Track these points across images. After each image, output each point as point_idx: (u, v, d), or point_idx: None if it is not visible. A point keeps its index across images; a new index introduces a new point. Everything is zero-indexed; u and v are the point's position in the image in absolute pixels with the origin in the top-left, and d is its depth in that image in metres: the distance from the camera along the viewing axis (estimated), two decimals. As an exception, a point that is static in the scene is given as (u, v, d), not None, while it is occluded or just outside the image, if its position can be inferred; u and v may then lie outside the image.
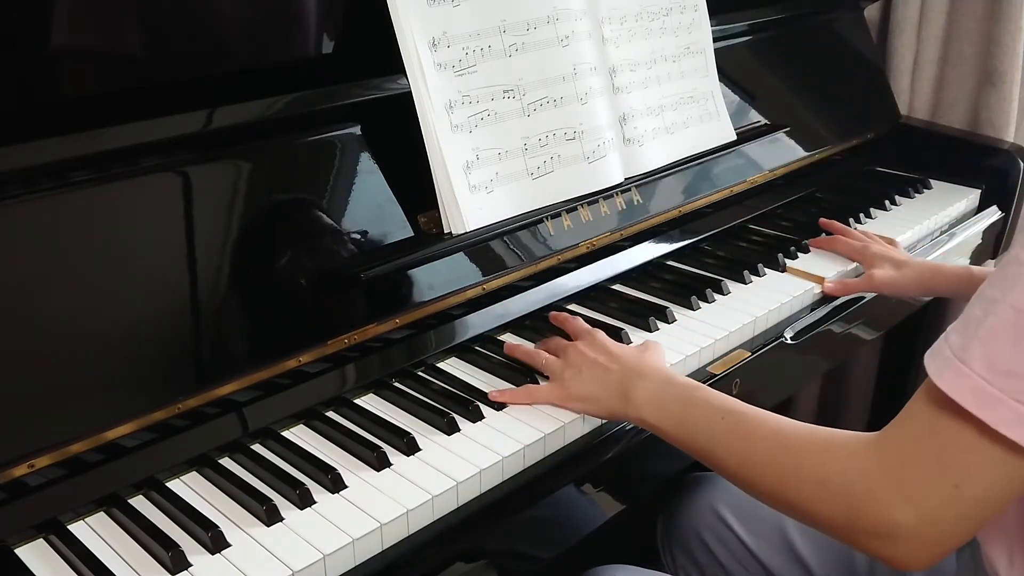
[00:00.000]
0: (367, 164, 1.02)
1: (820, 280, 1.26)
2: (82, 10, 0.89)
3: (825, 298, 1.25)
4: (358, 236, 0.99)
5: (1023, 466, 0.64)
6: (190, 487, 0.85)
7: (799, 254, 1.34)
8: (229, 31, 1.01)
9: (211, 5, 0.98)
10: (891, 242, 1.35)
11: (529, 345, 1.07)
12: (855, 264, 1.31)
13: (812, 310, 1.22)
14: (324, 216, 0.98)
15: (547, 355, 0.99)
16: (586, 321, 1.12)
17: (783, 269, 1.29)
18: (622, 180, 1.19)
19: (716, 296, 1.19)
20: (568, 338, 1.03)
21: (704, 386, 0.89)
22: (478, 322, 1.07)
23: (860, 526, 0.70)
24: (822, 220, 1.41)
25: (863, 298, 1.25)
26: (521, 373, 1.00)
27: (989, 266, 1.68)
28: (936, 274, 1.23)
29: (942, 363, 0.66)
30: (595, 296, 1.19)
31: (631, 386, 0.90)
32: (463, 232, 1.04)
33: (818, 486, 0.73)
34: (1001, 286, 0.65)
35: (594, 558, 1.08)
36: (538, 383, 0.98)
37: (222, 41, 1.01)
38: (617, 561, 1.07)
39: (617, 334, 1.07)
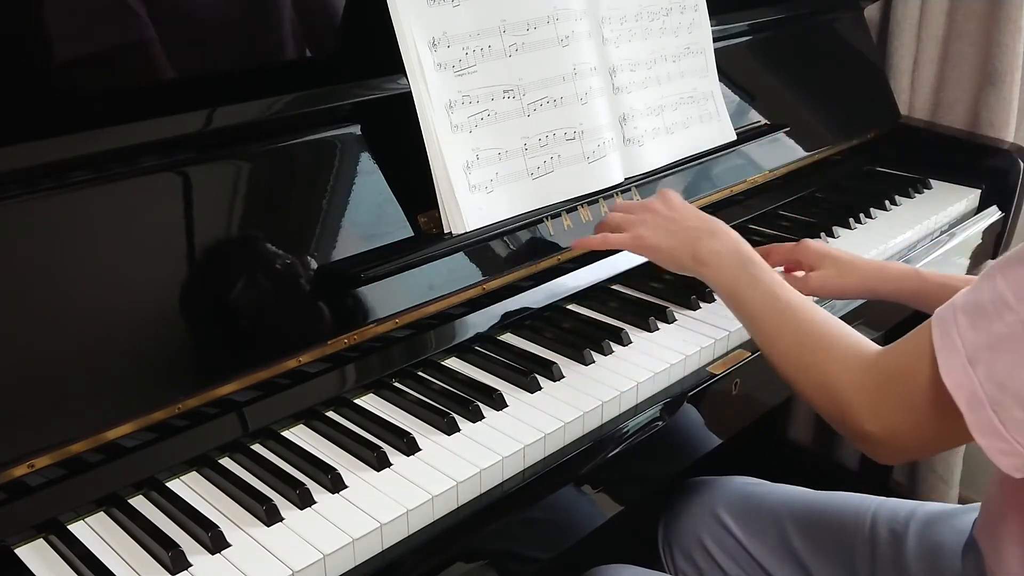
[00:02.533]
0: (367, 164, 1.02)
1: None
2: (82, 10, 0.89)
3: (825, 299, 1.25)
4: (358, 236, 0.99)
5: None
6: (190, 487, 0.85)
7: (799, 254, 1.33)
8: (229, 31, 1.01)
9: (211, 5, 0.98)
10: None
11: (531, 345, 1.08)
12: None
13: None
14: (324, 216, 0.98)
15: (620, 214, 1.04)
16: (586, 321, 1.13)
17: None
18: (622, 180, 1.19)
19: (716, 296, 1.19)
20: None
21: (761, 262, 0.94)
22: (478, 322, 1.07)
23: (843, 425, 0.80)
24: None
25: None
26: (522, 373, 0.99)
27: (988, 267, 1.68)
28: (881, 273, 1.12)
29: (951, 354, 0.68)
30: (595, 296, 1.19)
31: (700, 243, 0.97)
32: (463, 232, 1.04)
33: (820, 384, 0.82)
34: (1015, 287, 0.65)
35: (594, 558, 1.08)
36: (538, 382, 0.99)
37: (222, 41, 1.01)
38: (617, 561, 1.07)
39: (617, 334, 1.08)
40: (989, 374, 0.66)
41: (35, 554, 0.77)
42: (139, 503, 0.83)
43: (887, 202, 1.53)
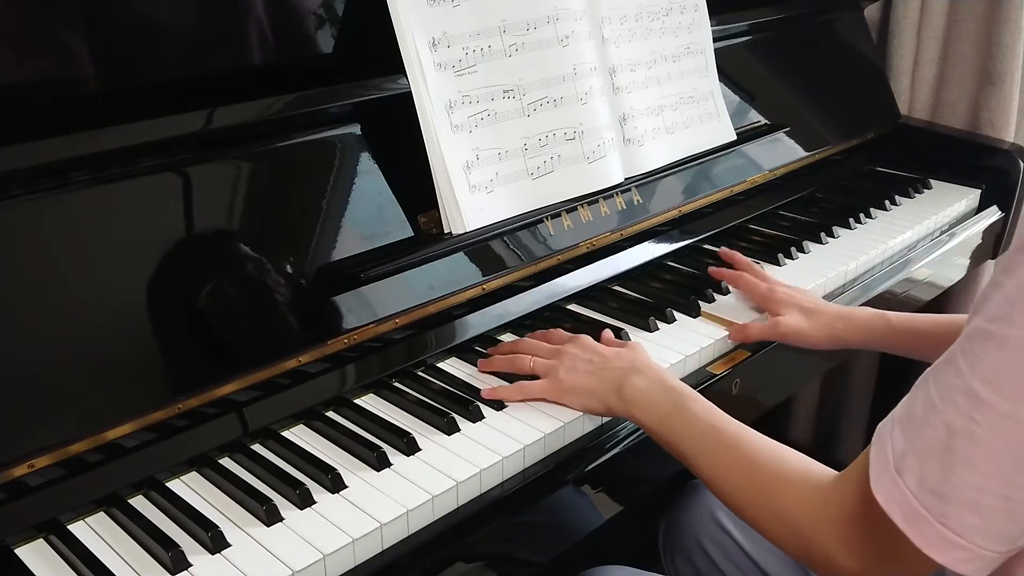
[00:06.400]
0: (367, 164, 1.02)
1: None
2: (82, 9, 0.89)
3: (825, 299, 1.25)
4: (358, 236, 0.99)
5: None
6: (190, 487, 0.85)
7: (799, 254, 1.34)
8: (230, 31, 1.01)
9: (212, 5, 0.98)
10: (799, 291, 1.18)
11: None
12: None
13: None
14: (324, 216, 0.98)
15: (532, 358, 0.99)
16: (586, 321, 1.13)
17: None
18: (622, 180, 1.19)
19: (716, 296, 1.19)
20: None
21: (695, 395, 0.89)
22: (478, 322, 1.07)
23: (811, 560, 0.74)
24: (722, 251, 1.26)
25: (863, 299, 1.25)
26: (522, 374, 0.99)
27: (989, 266, 1.68)
28: (847, 322, 1.10)
29: (882, 467, 0.65)
30: (595, 296, 1.19)
31: (625, 382, 0.91)
32: (463, 232, 1.04)
33: (775, 518, 0.76)
34: (940, 389, 0.62)
35: (595, 559, 1.08)
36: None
37: (223, 41, 1.01)
38: (616, 562, 1.07)
39: (617, 334, 1.07)
40: (921, 483, 0.62)
41: (35, 554, 0.77)
42: (139, 503, 0.83)
43: (887, 202, 1.53)
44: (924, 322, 1.06)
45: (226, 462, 0.88)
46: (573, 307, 1.17)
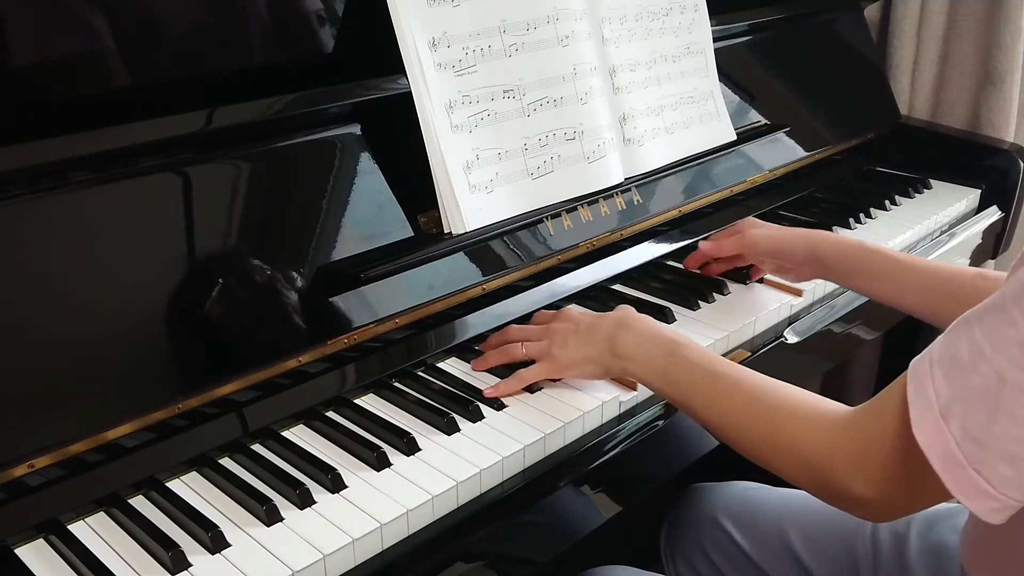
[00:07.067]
0: (367, 164, 1.02)
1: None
2: (82, 9, 0.89)
3: (825, 299, 1.25)
4: (358, 236, 0.99)
5: None
6: (190, 487, 0.85)
7: (799, 254, 1.34)
8: (230, 30, 1.01)
9: (211, 5, 0.98)
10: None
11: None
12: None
13: (812, 310, 1.22)
14: (324, 216, 0.98)
15: (524, 344, 0.99)
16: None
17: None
18: (622, 180, 1.19)
19: (716, 296, 1.19)
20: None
21: (688, 341, 0.89)
22: (478, 322, 1.07)
23: (827, 491, 0.75)
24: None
25: (863, 299, 1.25)
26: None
27: (989, 266, 1.68)
28: (823, 238, 1.13)
29: (923, 409, 0.64)
30: (595, 296, 1.19)
31: (616, 340, 0.92)
32: (463, 232, 1.04)
33: (789, 454, 0.77)
34: (992, 337, 0.61)
35: (596, 561, 1.08)
36: (538, 383, 0.98)
37: (223, 41, 1.01)
38: (616, 562, 1.07)
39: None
40: (964, 430, 0.62)
41: (35, 554, 0.77)
42: (139, 503, 0.83)
43: (887, 202, 1.53)
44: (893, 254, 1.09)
45: (226, 462, 0.88)
46: (573, 307, 1.17)
